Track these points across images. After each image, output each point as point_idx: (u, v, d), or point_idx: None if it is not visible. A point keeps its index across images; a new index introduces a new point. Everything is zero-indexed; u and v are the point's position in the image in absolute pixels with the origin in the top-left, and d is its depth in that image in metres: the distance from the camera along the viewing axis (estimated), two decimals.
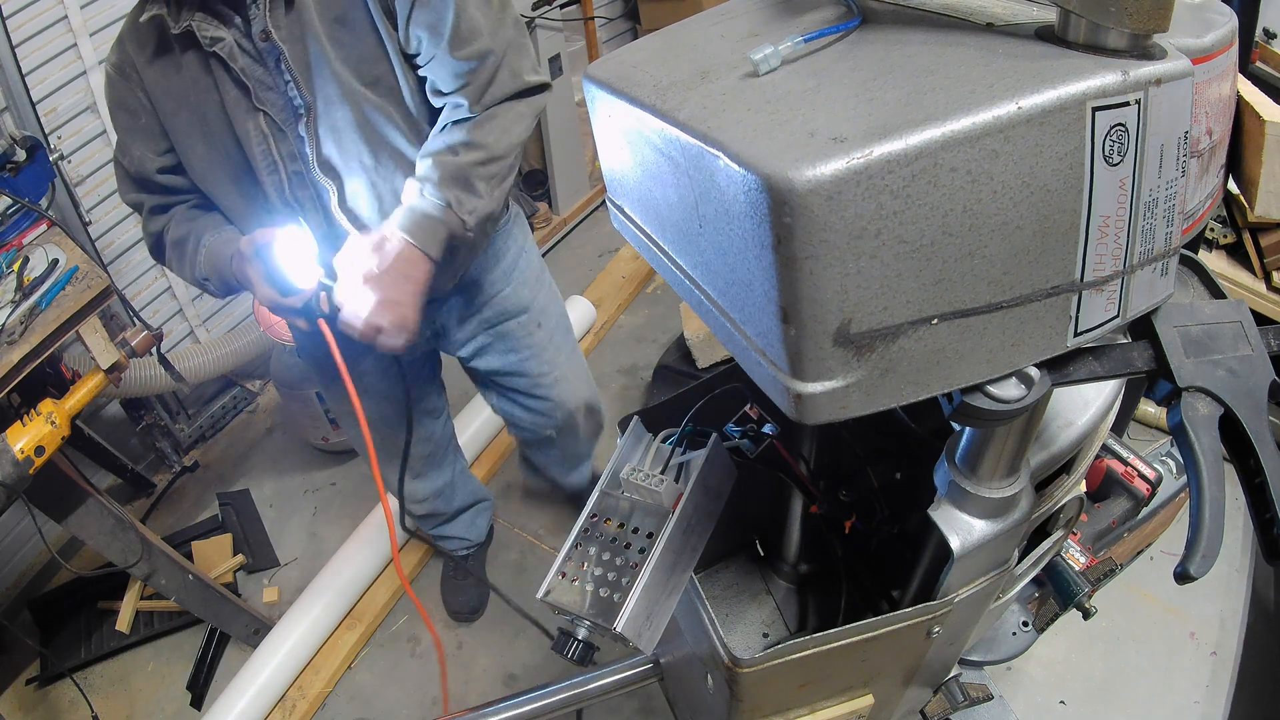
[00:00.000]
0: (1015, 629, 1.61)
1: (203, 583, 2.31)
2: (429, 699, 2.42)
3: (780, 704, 1.11)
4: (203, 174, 1.46)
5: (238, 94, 1.35)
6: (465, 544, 2.46)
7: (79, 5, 2.38)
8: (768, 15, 0.84)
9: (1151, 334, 0.76)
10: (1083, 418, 1.02)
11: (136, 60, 1.39)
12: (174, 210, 1.54)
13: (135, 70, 1.39)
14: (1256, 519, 0.74)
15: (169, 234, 1.52)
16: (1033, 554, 1.17)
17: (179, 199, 1.53)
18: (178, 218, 1.53)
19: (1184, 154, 0.65)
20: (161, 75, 1.38)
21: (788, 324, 0.63)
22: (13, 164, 1.97)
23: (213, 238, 1.47)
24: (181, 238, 1.50)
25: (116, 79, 1.41)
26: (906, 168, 0.57)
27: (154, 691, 2.49)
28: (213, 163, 1.44)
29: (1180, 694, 2.26)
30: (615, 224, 1.00)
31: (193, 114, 1.39)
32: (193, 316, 3.01)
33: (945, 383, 0.67)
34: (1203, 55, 0.75)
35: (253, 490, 3.01)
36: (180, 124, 1.41)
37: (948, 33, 0.69)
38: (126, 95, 1.42)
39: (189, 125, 1.41)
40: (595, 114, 0.92)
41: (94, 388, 1.80)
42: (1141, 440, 2.68)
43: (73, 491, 1.91)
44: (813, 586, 1.41)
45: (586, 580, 1.02)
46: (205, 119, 1.39)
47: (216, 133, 1.40)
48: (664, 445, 1.12)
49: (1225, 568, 2.47)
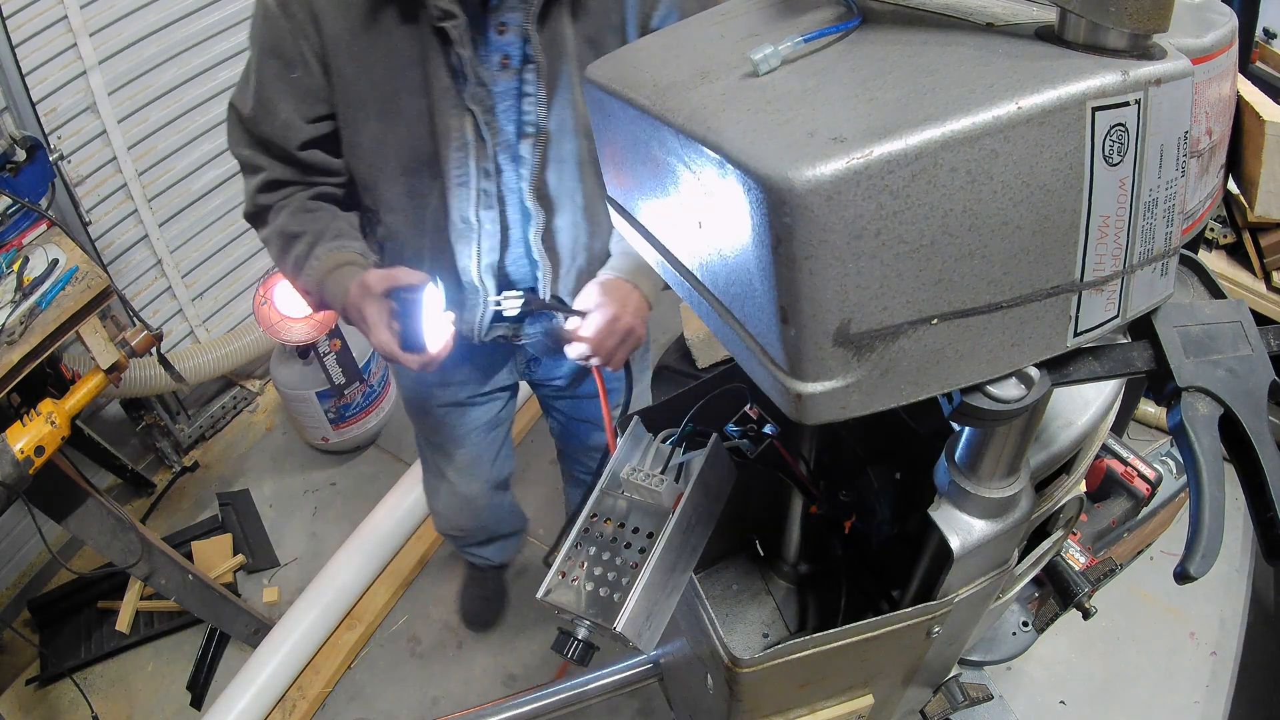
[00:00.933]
0: (1015, 629, 1.61)
1: (203, 583, 2.31)
2: (429, 699, 2.42)
3: (780, 704, 1.11)
4: (368, 158, 1.28)
5: (449, 84, 1.19)
6: (491, 562, 2.45)
7: (79, 5, 2.38)
8: (768, 15, 0.84)
9: (1151, 334, 0.76)
10: (1083, 418, 1.02)
11: (319, 5, 1.17)
12: (293, 192, 1.33)
13: (312, 15, 1.17)
14: (1256, 519, 0.74)
15: (279, 220, 1.33)
16: (1033, 554, 1.17)
17: (308, 180, 1.33)
18: (294, 206, 1.33)
19: (1184, 154, 0.65)
20: (352, 30, 1.18)
21: (788, 324, 0.63)
22: (13, 164, 1.97)
23: (330, 251, 1.31)
24: (294, 234, 1.32)
25: (279, 16, 1.18)
26: (906, 168, 0.57)
27: (154, 691, 2.49)
28: (386, 149, 1.26)
29: (1180, 694, 2.26)
30: (615, 224, 1.00)
31: (380, 87, 1.21)
32: (193, 316, 3.01)
33: (945, 383, 0.67)
34: (1203, 55, 0.75)
35: (253, 490, 3.01)
36: (359, 93, 1.22)
37: (948, 33, 0.69)
38: (287, 40, 1.19)
39: (371, 98, 1.22)
40: (595, 114, 0.92)
41: (94, 388, 1.80)
42: (1141, 440, 2.68)
43: (73, 491, 1.91)
44: (813, 586, 1.41)
45: (586, 580, 1.02)
46: (395, 97, 1.21)
47: (405, 117, 1.22)
48: (664, 445, 1.12)
49: (1225, 568, 2.47)
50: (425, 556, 2.72)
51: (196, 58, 2.69)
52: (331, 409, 2.89)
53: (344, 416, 2.94)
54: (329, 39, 1.19)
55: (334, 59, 1.20)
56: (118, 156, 2.60)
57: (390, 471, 2.97)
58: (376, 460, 3.09)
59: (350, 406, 2.93)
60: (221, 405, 3.25)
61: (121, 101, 2.57)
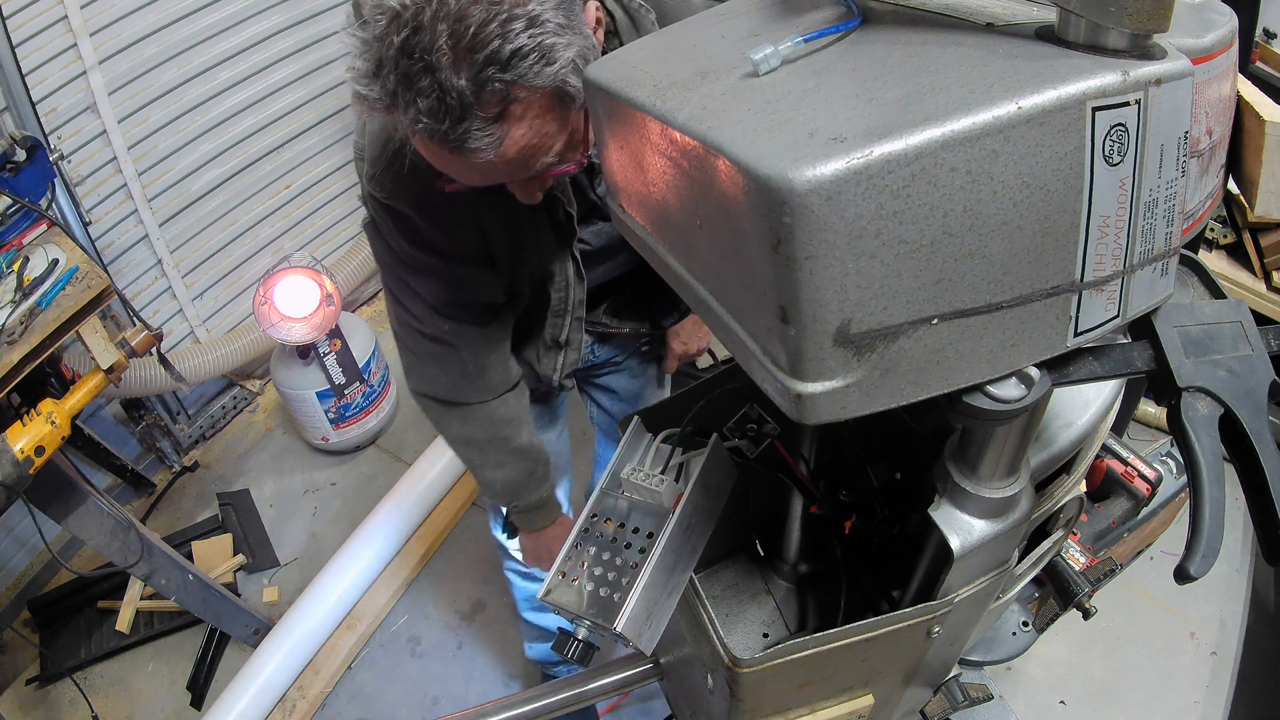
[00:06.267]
0: (1015, 629, 1.61)
1: (203, 583, 2.31)
2: (429, 699, 2.43)
3: (780, 704, 1.11)
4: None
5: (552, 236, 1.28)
6: None
7: (79, 5, 2.38)
8: (768, 15, 0.84)
9: (1151, 334, 0.76)
10: (1083, 418, 1.02)
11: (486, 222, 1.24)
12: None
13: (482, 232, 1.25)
14: (1256, 519, 0.74)
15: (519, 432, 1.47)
16: (1033, 554, 1.17)
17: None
18: (529, 429, 1.49)
19: (1184, 154, 0.65)
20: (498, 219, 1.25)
21: (788, 324, 0.63)
22: (13, 164, 1.97)
23: (550, 490, 1.57)
24: (522, 449, 1.48)
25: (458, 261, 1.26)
26: (906, 168, 0.57)
27: (154, 691, 2.49)
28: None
29: (1180, 694, 2.26)
30: (615, 224, 1.00)
31: (505, 244, 1.28)
32: (193, 316, 3.02)
33: (945, 383, 0.67)
34: (1203, 55, 0.75)
35: (253, 490, 3.02)
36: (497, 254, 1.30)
37: (948, 33, 0.69)
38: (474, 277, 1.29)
39: (504, 257, 1.30)
40: (595, 114, 0.92)
41: (94, 388, 1.80)
42: (1141, 440, 2.68)
43: (73, 491, 1.91)
44: (813, 586, 1.41)
45: (586, 580, 1.02)
46: (520, 250, 1.29)
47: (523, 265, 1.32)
48: (664, 445, 1.11)
49: (1225, 568, 2.47)
50: (425, 556, 2.72)
51: (196, 58, 2.69)
52: (331, 409, 2.89)
53: (344, 416, 2.94)
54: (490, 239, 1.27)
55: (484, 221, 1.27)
56: (118, 156, 2.61)
57: (390, 471, 2.97)
58: (376, 460, 3.09)
59: (350, 406, 2.93)
60: (221, 405, 3.25)
61: (121, 101, 2.57)
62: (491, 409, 1.43)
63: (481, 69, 0.84)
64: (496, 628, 2.55)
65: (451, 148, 0.90)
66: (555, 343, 1.42)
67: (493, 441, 1.47)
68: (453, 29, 0.83)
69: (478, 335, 1.35)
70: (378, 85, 0.86)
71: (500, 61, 0.85)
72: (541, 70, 0.87)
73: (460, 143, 0.89)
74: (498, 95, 0.87)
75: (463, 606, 2.63)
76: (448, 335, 1.33)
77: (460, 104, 0.86)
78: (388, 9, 0.84)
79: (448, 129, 0.87)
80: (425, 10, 0.83)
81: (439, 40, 0.83)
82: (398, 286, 1.30)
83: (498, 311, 1.35)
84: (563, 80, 0.89)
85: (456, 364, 1.36)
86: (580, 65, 0.90)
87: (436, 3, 0.83)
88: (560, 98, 0.92)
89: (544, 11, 0.87)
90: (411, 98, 0.86)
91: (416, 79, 0.85)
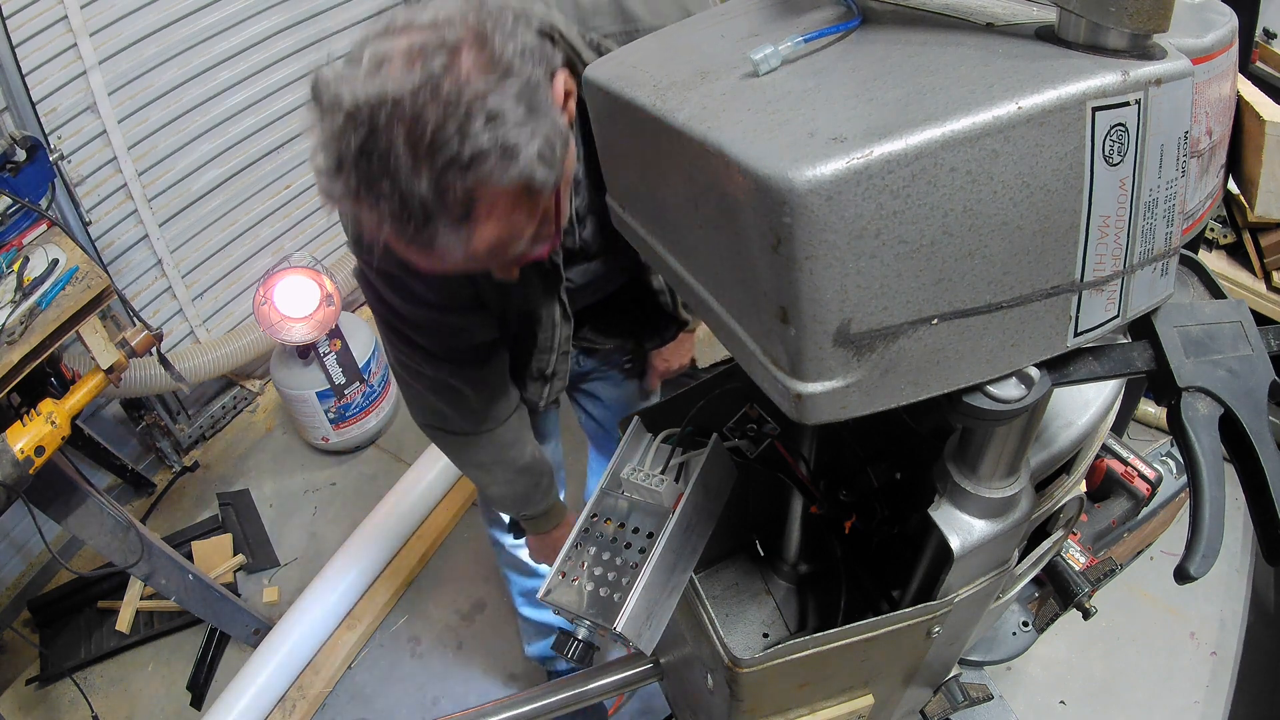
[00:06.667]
0: (1015, 629, 1.61)
1: (203, 583, 2.31)
2: (429, 699, 2.42)
3: (780, 704, 1.11)
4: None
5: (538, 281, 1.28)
6: None
7: (79, 5, 2.38)
8: (768, 15, 0.84)
9: (1151, 334, 0.76)
10: (1083, 418, 1.02)
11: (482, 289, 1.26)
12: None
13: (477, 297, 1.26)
14: (1256, 519, 0.74)
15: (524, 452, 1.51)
16: (1033, 554, 1.17)
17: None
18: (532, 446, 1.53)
19: (1184, 154, 0.65)
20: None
21: (788, 324, 0.63)
22: (13, 164, 1.97)
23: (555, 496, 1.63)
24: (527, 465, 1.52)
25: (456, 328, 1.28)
26: (906, 168, 0.57)
27: (154, 691, 2.49)
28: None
29: (1180, 694, 2.26)
30: (615, 224, 1.00)
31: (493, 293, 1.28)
32: (193, 316, 3.01)
33: (945, 383, 0.67)
34: (1203, 55, 0.75)
35: (253, 490, 3.01)
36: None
37: (948, 33, 0.69)
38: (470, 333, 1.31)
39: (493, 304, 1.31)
40: (595, 114, 0.92)
41: (94, 388, 1.80)
42: (1141, 440, 2.68)
43: (73, 491, 1.91)
44: (813, 586, 1.41)
45: (586, 580, 1.02)
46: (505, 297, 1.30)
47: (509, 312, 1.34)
48: (664, 445, 1.11)
49: (1225, 568, 2.47)
50: (425, 556, 2.72)
51: (196, 58, 2.69)
52: (331, 409, 2.89)
53: (344, 416, 2.94)
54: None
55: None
56: (118, 156, 2.60)
57: (390, 471, 2.97)
58: (376, 460, 3.09)
59: (350, 406, 2.93)
60: (221, 405, 3.25)
61: (121, 101, 2.57)
62: (496, 435, 1.45)
63: (442, 173, 0.80)
64: (496, 628, 2.55)
65: (419, 247, 0.87)
66: (542, 375, 1.44)
67: (499, 463, 1.49)
68: (409, 131, 0.79)
69: (477, 375, 1.36)
70: (340, 183, 0.83)
71: (461, 164, 0.81)
72: (506, 169, 0.83)
73: (428, 244, 0.86)
74: (461, 198, 0.83)
75: (463, 606, 2.63)
76: (448, 377, 1.33)
77: (423, 209, 0.82)
78: (343, 108, 0.80)
79: (413, 232, 0.85)
80: (380, 111, 0.79)
81: (396, 144, 0.79)
82: (393, 334, 1.30)
83: (493, 348, 1.36)
84: (529, 173, 0.85)
85: (459, 401, 1.37)
86: (548, 154, 0.86)
87: (391, 103, 0.79)
88: (528, 190, 0.88)
89: (504, 105, 0.82)
90: (374, 200, 0.82)
91: (376, 183, 0.81)
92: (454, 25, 0.84)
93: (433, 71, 0.80)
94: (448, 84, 0.80)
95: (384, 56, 0.81)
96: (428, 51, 0.81)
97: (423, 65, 0.80)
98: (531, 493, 1.57)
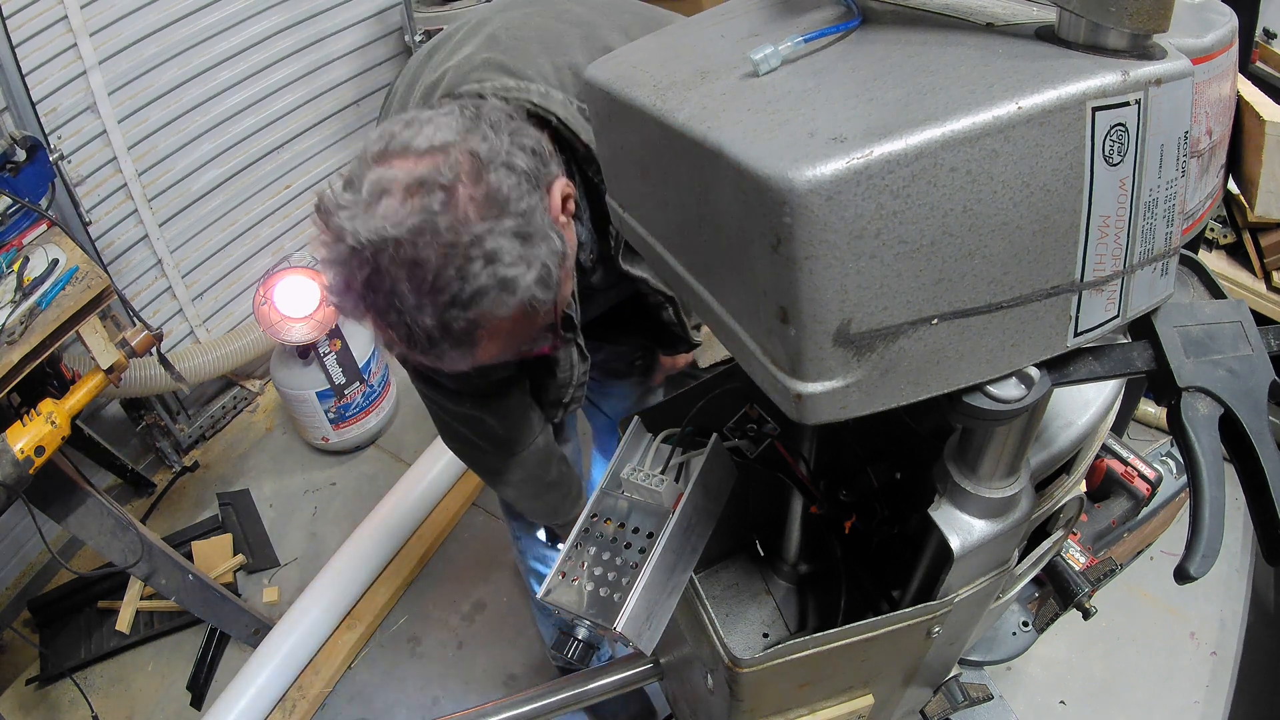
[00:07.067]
0: (1015, 629, 1.61)
1: (203, 583, 2.31)
2: (429, 699, 2.43)
3: (780, 704, 1.11)
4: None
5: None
6: None
7: (79, 5, 2.38)
8: (768, 15, 0.84)
9: (1151, 334, 0.76)
10: (1083, 418, 1.01)
11: None
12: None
13: None
14: (1256, 519, 0.74)
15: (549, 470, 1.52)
16: (1033, 554, 1.17)
17: None
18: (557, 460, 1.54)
19: (1184, 154, 0.65)
20: None
21: (788, 324, 0.63)
22: (13, 164, 1.97)
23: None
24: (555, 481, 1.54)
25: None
26: (906, 168, 0.57)
27: (154, 691, 2.49)
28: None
29: (1180, 694, 2.26)
30: (615, 224, 1.00)
31: None
32: (193, 316, 3.02)
33: (945, 383, 0.67)
34: (1203, 55, 0.75)
35: (253, 490, 3.01)
36: None
37: (948, 33, 0.69)
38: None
39: None
40: (595, 114, 0.92)
41: (94, 388, 1.80)
42: (1141, 440, 2.68)
43: (73, 491, 1.92)
44: (813, 586, 1.41)
45: (586, 580, 1.02)
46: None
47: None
48: (664, 445, 1.11)
49: (1225, 568, 2.47)
50: (425, 556, 2.72)
51: (196, 58, 2.69)
52: (331, 409, 2.89)
53: (344, 416, 2.94)
54: None
55: None
56: (118, 156, 2.61)
57: (390, 471, 2.97)
58: (376, 460, 3.09)
59: (350, 406, 2.93)
60: (221, 405, 3.25)
61: (121, 101, 2.57)
62: (522, 458, 1.47)
63: (444, 310, 0.86)
64: (496, 628, 2.55)
65: (428, 361, 0.94)
66: (559, 402, 1.47)
67: (527, 480, 1.52)
68: (411, 274, 0.84)
69: (499, 407, 1.39)
70: (349, 302, 0.88)
71: (462, 303, 0.86)
72: (505, 301, 0.88)
73: (436, 360, 0.93)
74: (464, 329, 0.89)
75: (463, 606, 2.63)
76: (470, 409, 1.37)
77: (428, 337, 0.88)
78: (346, 242, 0.84)
79: (421, 352, 0.91)
80: (383, 254, 0.83)
81: (400, 285, 0.84)
82: (416, 373, 1.34)
83: (513, 381, 1.39)
84: (529, 300, 0.90)
85: (483, 430, 1.40)
86: (545, 277, 0.92)
87: (392, 245, 0.82)
88: (528, 312, 0.93)
89: (502, 244, 0.87)
90: (383, 325, 0.89)
91: (384, 313, 0.87)
92: (451, 155, 0.87)
93: (431, 210, 0.84)
94: (445, 224, 0.84)
95: (383, 189, 0.85)
96: (426, 187, 0.85)
97: (421, 203, 0.84)
98: (560, 504, 1.59)
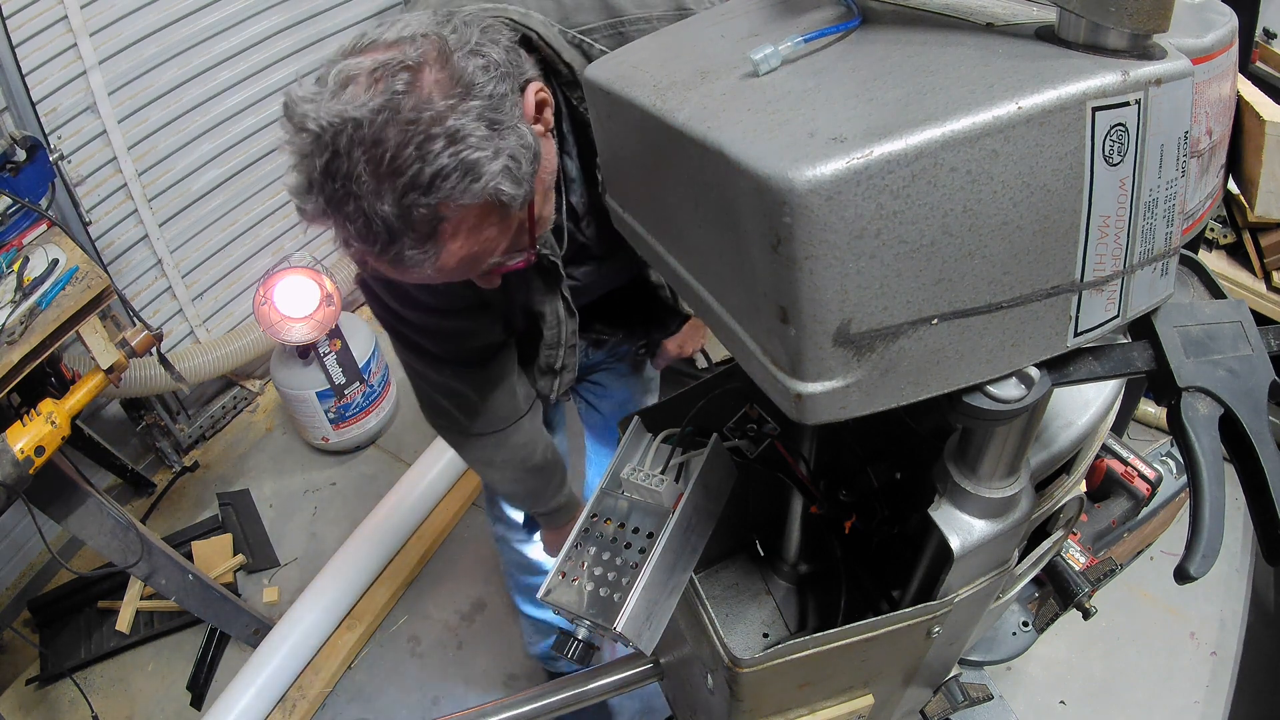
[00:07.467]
0: (1015, 629, 1.61)
1: (203, 583, 2.31)
2: (429, 699, 2.43)
3: (780, 704, 1.11)
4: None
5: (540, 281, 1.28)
6: None
7: (79, 5, 2.38)
8: (768, 15, 0.84)
9: (1151, 334, 0.76)
10: (1083, 418, 1.01)
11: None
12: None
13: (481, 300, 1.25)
14: (1256, 519, 0.74)
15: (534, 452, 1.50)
16: (1033, 554, 1.17)
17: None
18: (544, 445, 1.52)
19: (1184, 154, 0.65)
20: None
21: (788, 324, 0.63)
22: (13, 164, 1.97)
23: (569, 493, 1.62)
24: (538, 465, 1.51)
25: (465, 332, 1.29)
26: (906, 168, 0.57)
27: (154, 691, 2.49)
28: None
29: (1180, 694, 2.26)
30: (615, 223, 1.00)
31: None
32: (193, 316, 3.01)
33: (945, 383, 0.67)
34: (1203, 55, 0.75)
35: (253, 490, 3.01)
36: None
37: (948, 33, 0.69)
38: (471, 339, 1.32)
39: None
40: (595, 114, 0.92)
41: (94, 388, 1.80)
42: (1141, 440, 2.68)
43: (73, 491, 1.91)
44: (813, 586, 1.41)
45: (586, 580, 1.02)
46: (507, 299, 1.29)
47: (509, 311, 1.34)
48: (664, 445, 1.11)
49: (1225, 568, 2.47)
50: (425, 556, 2.72)
51: (196, 58, 2.69)
52: (331, 409, 2.89)
53: (344, 416, 2.94)
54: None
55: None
56: (118, 156, 2.61)
57: (390, 471, 2.97)
58: (376, 460, 3.09)
59: (350, 406, 2.93)
60: (221, 405, 3.25)
61: (121, 101, 2.57)
62: (504, 436, 1.45)
63: (403, 194, 0.82)
64: (496, 628, 2.55)
65: (388, 264, 0.89)
66: (551, 369, 1.45)
67: (509, 463, 1.49)
68: (369, 154, 0.80)
69: (482, 377, 1.36)
70: (310, 202, 0.84)
71: (422, 186, 0.82)
72: (468, 188, 0.84)
73: (395, 261, 0.87)
74: (425, 218, 0.84)
75: (463, 606, 2.63)
76: (450, 379, 1.34)
77: (387, 229, 0.83)
78: (308, 130, 0.81)
79: (380, 250, 0.86)
80: (342, 135, 0.80)
81: (357, 167, 0.80)
82: (396, 338, 1.32)
83: (498, 350, 1.36)
84: (494, 190, 0.86)
85: (465, 403, 1.38)
86: (514, 169, 0.87)
87: (352, 126, 0.80)
88: (495, 206, 0.88)
89: (465, 124, 0.83)
90: (341, 220, 0.84)
91: (342, 204, 0.83)
92: (418, 43, 0.84)
93: (394, 91, 0.81)
94: (408, 105, 0.81)
95: (349, 76, 0.82)
96: (390, 70, 0.82)
97: (385, 85, 0.81)
98: (542, 490, 1.57)
